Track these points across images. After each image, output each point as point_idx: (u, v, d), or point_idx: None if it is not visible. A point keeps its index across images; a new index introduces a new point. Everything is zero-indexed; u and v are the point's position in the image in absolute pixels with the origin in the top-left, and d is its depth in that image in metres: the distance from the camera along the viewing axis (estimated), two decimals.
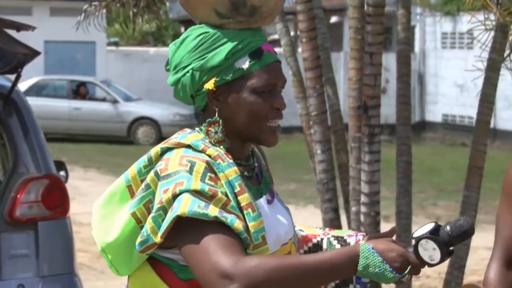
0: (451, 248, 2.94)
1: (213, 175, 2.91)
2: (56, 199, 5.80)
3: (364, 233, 3.36)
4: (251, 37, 3.07)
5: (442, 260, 2.92)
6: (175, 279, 3.02)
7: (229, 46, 3.03)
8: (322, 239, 3.34)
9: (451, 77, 25.49)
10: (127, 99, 27.54)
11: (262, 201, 3.11)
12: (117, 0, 7.95)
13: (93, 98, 27.44)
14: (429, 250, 2.89)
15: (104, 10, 8.31)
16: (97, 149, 23.46)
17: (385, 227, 6.69)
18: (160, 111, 26.95)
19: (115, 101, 27.30)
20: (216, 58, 3.02)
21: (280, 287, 2.86)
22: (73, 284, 5.73)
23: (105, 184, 18.10)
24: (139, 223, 2.94)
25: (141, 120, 27.02)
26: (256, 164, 3.21)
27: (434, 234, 2.92)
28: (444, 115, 26.94)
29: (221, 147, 3.03)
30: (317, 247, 3.32)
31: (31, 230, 5.72)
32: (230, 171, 2.97)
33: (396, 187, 6.96)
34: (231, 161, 3.01)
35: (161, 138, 26.39)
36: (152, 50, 33.46)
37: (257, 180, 3.18)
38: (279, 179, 10.22)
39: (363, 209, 6.44)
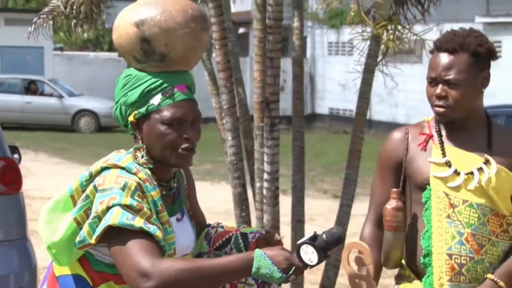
0: (327, 251, 2.96)
1: (141, 194, 2.94)
2: (11, 178, 5.73)
3: (263, 231, 3.41)
4: (166, 79, 3.05)
5: (319, 262, 2.94)
6: (90, 269, 3.07)
7: (144, 85, 3.04)
8: (232, 236, 3.33)
9: (335, 78, 25.65)
10: (71, 94, 27.24)
11: (173, 219, 3.12)
12: (61, 13, 7.86)
13: (42, 94, 27.09)
14: (309, 254, 2.91)
15: (51, 22, 8.22)
16: (46, 136, 23.15)
17: (282, 199, 6.71)
18: (99, 105, 26.70)
19: (60, 96, 26.99)
20: (134, 95, 3.04)
21: (188, 285, 2.91)
22: (25, 247, 5.67)
23: (52, 165, 18.00)
24: (79, 225, 2.97)
25: (82, 112, 26.73)
26: (175, 185, 3.21)
27: (313, 241, 2.95)
28: (330, 108, 27.10)
29: (148, 168, 3.05)
30: (227, 241, 3.32)
31: None
32: (154, 192, 3.00)
33: (292, 166, 6.97)
34: (156, 183, 3.03)
35: (99, 127, 26.20)
36: (91, 54, 33.17)
37: (173, 200, 3.19)
38: (198, 161, 10.18)
39: (265, 184, 6.45)
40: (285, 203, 6.80)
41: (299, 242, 2.96)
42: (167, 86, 3.04)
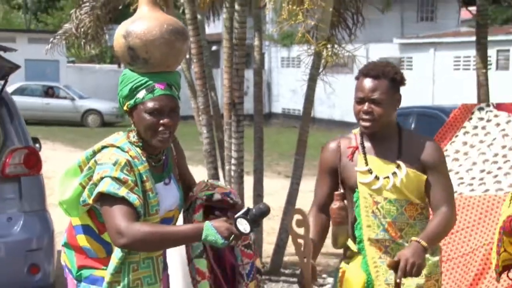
0: (257, 222, 3.03)
1: (129, 168, 2.99)
2: (33, 162, 5.67)
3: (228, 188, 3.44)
4: (150, 78, 3.07)
5: (251, 230, 3.01)
6: (96, 220, 3.10)
7: (132, 83, 3.07)
8: (194, 200, 3.32)
9: (287, 85, 25.56)
10: (80, 97, 26.97)
11: (161, 184, 3.15)
12: (73, 34, 7.81)
13: (57, 97, 26.75)
14: (243, 225, 2.97)
15: (64, 41, 8.15)
16: (61, 130, 22.90)
17: (246, 179, 6.69)
18: (103, 105, 26.45)
19: (72, 99, 26.72)
20: (125, 90, 3.09)
21: (151, 244, 3.01)
22: (45, 217, 5.62)
23: (66, 152, 17.88)
24: (83, 188, 3.02)
25: (90, 111, 26.47)
26: (164, 157, 3.21)
27: (246, 215, 3.00)
28: (283, 108, 27.02)
29: (139, 146, 3.09)
30: (190, 205, 3.32)
31: (16, 182, 5.56)
32: (141, 167, 3.04)
33: (253, 153, 6.97)
34: (144, 159, 3.08)
35: (103, 123, 26.02)
36: (97, 66, 32.90)
37: (162, 169, 3.20)
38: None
39: (233, 167, 6.45)
40: (248, 181, 6.79)
41: (236, 216, 3.01)
42: (150, 84, 3.06)
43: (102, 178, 2.96)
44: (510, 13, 20.17)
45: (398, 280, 3.28)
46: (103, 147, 3.08)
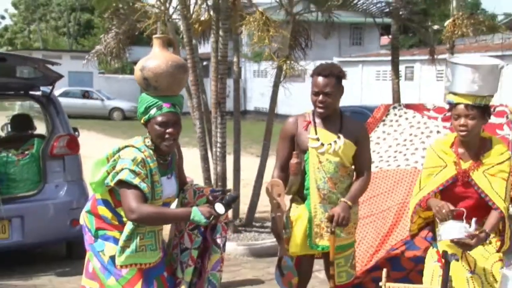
0: (229, 205, 3.05)
1: (143, 164, 2.97)
2: (73, 145, 5.61)
3: (207, 187, 3.51)
4: (159, 99, 3.05)
5: (226, 211, 3.00)
6: (114, 197, 3.07)
7: (147, 103, 3.06)
8: (186, 190, 3.32)
9: (257, 90, 25.44)
10: (108, 99, 26.62)
11: (165, 178, 3.12)
12: (102, 53, 7.73)
13: (91, 98, 26.50)
14: (219, 208, 2.95)
15: (95, 58, 8.08)
16: (94, 122, 22.48)
17: (228, 158, 6.64)
18: (125, 104, 26.13)
19: (102, 100, 26.42)
20: (141, 108, 3.07)
21: (153, 220, 2.99)
22: (82, 185, 5.58)
23: (97, 139, 17.52)
24: (108, 174, 3.01)
25: (115, 108, 26.17)
26: (169, 159, 3.18)
27: (222, 200, 3.02)
28: (255, 107, 26.82)
29: (152, 150, 3.05)
30: (184, 192, 3.32)
31: (61, 160, 5.50)
32: (152, 164, 3.01)
33: (233, 139, 6.93)
34: (155, 158, 3.04)
35: (125, 117, 25.77)
36: (120, 76, 32.52)
37: (167, 167, 3.15)
38: (181, 136, 9.96)
39: (218, 150, 6.41)
40: (229, 160, 6.75)
41: (215, 202, 3.01)
42: (159, 104, 3.04)
43: (122, 169, 2.94)
44: (414, 41, 20.50)
45: (333, 229, 3.37)
46: (126, 146, 3.05)
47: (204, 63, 5.96)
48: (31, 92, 5.76)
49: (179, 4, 6.55)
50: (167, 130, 3.02)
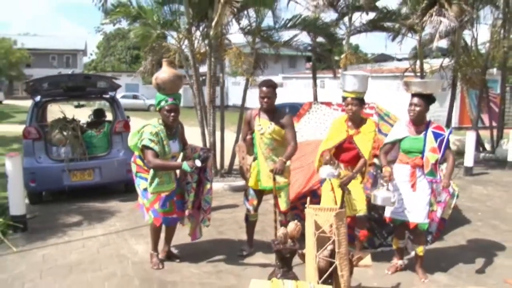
0: (204, 162, 3.02)
1: (156, 135, 2.96)
2: (127, 126, 5.49)
3: (200, 147, 3.33)
4: (166, 96, 3.04)
5: (201, 164, 2.96)
6: (144, 154, 3.02)
7: (159, 98, 3.04)
8: (187, 148, 3.27)
9: (235, 93, 25.10)
10: (147, 98, 25.86)
11: (171, 141, 3.08)
12: (142, 72, 7.39)
13: (138, 99, 25.72)
14: (198, 162, 2.92)
15: (140, 75, 7.80)
16: (139, 113, 21.84)
17: (217, 134, 6.40)
18: None
19: (144, 100, 25.53)
20: (156, 101, 3.04)
21: (161, 168, 2.96)
22: (130, 151, 5.47)
23: (140, 123, 17.33)
24: (138, 140, 3.00)
25: (151, 105, 25.17)
26: (174, 131, 3.13)
27: (199, 157, 3.02)
28: (233, 103, 26.51)
29: (163, 125, 3.03)
30: (185, 150, 3.25)
31: (120, 135, 5.35)
32: (163, 134, 2.99)
33: (219, 123, 6.70)
34: (165, 131, 3.02)
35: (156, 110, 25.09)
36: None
37: (173, 135, 3.11)
38: (189, 121, 9.81)
39: (211, 128, 6.27)
40: (218, 134, 6.63)
41: (196, 160, 2.93)
42: (166, 99, 3.05)
43: (144, 138, 2.97)
44: (324, 65, 20.60)
45: (274, 176, 3.28)
46: (147, 125, 3.05)
47: (203, 77, 5.79)
48: (104, 96, 5.72)
49: (188, 43, 6.33)
50: (171, 114, 3.05)
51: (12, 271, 3.24)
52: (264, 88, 3.34)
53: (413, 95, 3.04)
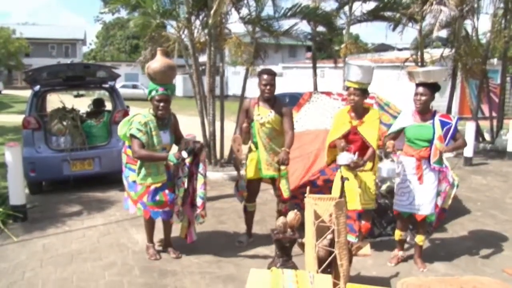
0: (191, 153, 2.96)
1: (145, 125, 2.92)
2: (127, 116, 5.48)
3: (193, 140, 3.27)
4: (157, 85, 2.99)
5: (188, 156, 2.92)
6: (129, 146, 3.02)
7: (151, 88, 3.00)
8: (182, 140, 3.19)
9: (235, 83, 24.90)
10: (147, 88, 25.60)
11: (162, 132, 3.02)
12: (142, 61, 7.28)
13: (137, 88, 25.51)
14: (184, 154, 2.91)
15: (139, 65, 7.69)
16: (138, 103, 21.74)
17: (217, 124, 6.36)
18: None
19: (143, 89, 25.15)
20: (148, 91, 3.01)
21: (146, 158, 2.92)
22: None
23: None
24: (127, 129, 2.96)
25: None
26: (166, 121, 3.07)
27: (186, 149, 2.95)
28: (233, 93, 26.36)
29: (153, 115, 2.98)
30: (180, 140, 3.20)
31: (118, 124, 5.39)
32: (153, 125, 2.95)
33: (219, 112, 6.74)
34: (155, 121, 2.97)
35: None
36: None
37: (164, 126, 3.06)
38: (188, 111, 9.70)
39: (210, 118, 6.21)
40: (217, 124, 6.59)
41: (182, 151, 2.91)
42: (156, 88, 3.00)
43: (132, 128, 2.93)
44: (324, 55, 20.38)
45: (280, 165, 3.25)
46: (137, 114, 3.00)
47: (202, 67, 5.71)
48: (103, 85, 5.64)
49: (188, 33, 6.21)
50: (160, 104, 2.99)
51: (12, 260, 3.23)
52: (265, 76, 3.29)
53: (418, 85, 2.99)
